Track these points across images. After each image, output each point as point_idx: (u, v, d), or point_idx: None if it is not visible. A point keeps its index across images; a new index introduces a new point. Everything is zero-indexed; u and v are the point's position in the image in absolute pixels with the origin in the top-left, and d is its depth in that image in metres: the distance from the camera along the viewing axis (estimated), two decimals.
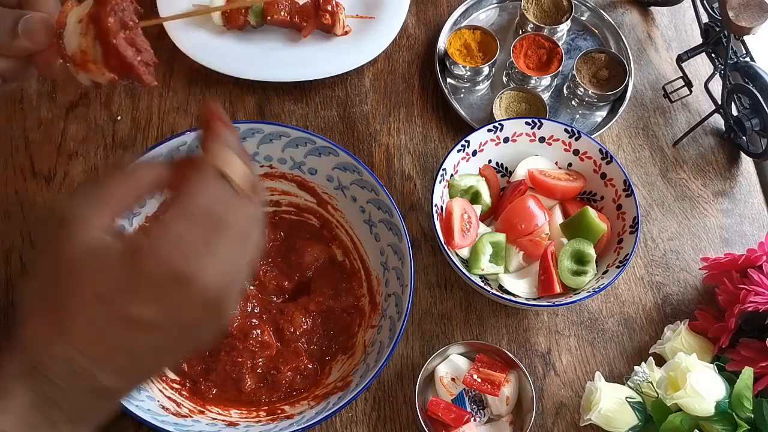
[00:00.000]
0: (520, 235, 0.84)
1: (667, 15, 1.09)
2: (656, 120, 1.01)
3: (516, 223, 0.84)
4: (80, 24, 0.57)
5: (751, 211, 0.96)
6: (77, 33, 0.57)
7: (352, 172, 0.83)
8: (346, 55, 0.98)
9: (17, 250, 0.87)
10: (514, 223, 0.84)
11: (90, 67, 0.57)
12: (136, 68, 0.57)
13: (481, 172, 0.90)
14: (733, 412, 0.75)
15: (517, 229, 0.84)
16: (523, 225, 0.84)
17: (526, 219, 0.84)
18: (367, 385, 0.71)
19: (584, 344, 0.87)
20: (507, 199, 0.88)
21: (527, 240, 0.84)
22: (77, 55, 0.57)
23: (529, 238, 0.84)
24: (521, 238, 0.84)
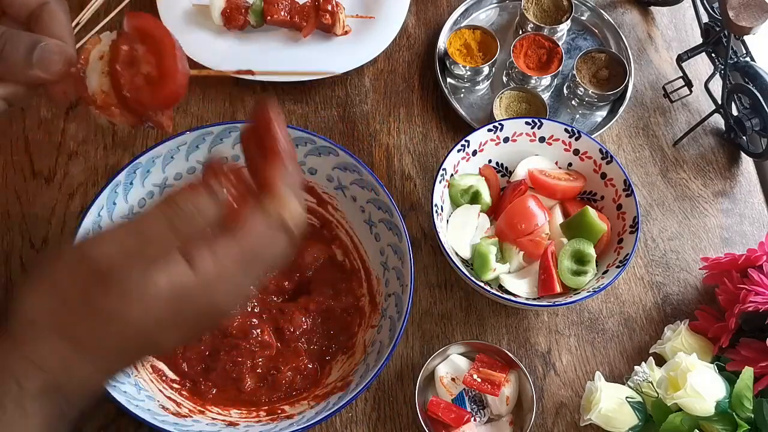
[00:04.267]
0: (520, 235, 0.84)
1: (667, 15, 1.09)
2: (656, 120, 1.01)
3: (516, 223, 0.84)
4: (102, 61, 0.54)
5: (751, 211, 0.96)
6: (98, 71, 0.54)
7: (352, 172, 0.83)
8: (346, 55, 0.98)
9: (17, 250, 0.87)
10: (514, 223, 0.84)
11: (113, 112, 0.55)
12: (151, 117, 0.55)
13: (481, 172, 0.90)
14: (733, 412, 0.74)
15: (517, 229, 0.84)
16: (523, 225, 0.84)
17: (526, 219, 0.84)
18: (367, 385, 0.71)
19: (584, 344, 0.87)
20: (507, 199, 0.88)
21: (527, 240, 0.84)
22: (99, 96, 0.55)
23: (529, 238, 0.84)
24: (521, 238, 0.84)
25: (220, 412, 0.77)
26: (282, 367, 0.79)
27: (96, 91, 0.55)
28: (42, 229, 0.88)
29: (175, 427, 0.71)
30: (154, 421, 0.69)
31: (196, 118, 0.97)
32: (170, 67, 0.53)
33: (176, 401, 0.76)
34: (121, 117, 0.55)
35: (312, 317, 0.82)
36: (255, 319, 0.80)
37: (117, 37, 0.54)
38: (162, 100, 0.53)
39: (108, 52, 0.54)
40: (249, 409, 0.78)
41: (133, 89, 0.53)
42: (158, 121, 0.56)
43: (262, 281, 0.81)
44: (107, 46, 0.54)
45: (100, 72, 0.54)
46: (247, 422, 0.76)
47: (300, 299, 0.83)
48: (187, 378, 0.78)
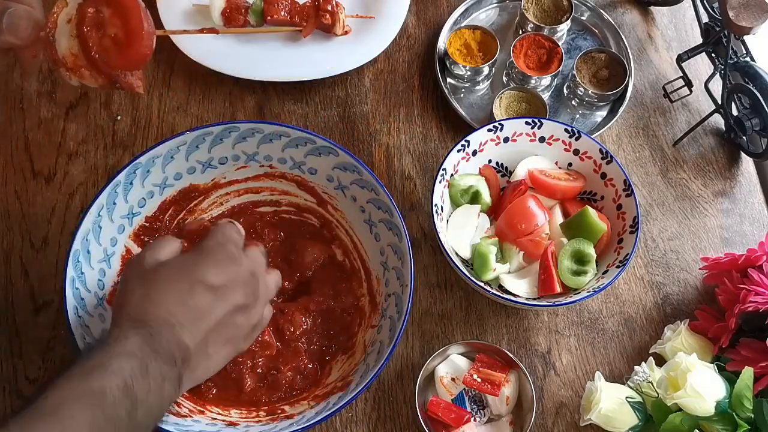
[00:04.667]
0: (520, 235, 0.84)
1: (667, 15, 1.09)
2: (656, 120, 1.01)
3: (516, 223, 0.84)
4: (69, 24, 0.55)
5: (751, 211, 0.96)
6: (66, 33, 0.55)
7: (352, 172, 0.83)
8: (346, 55, 0.98)
9: (17, 250, 0.87)
10: (514, 223, 0.84)
11: (83, 73, 0.56)
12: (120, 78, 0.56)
13: (481, 171, 0.90)
14: (733, 412, 0.75)
15: (517, 229, 0.84)
16: (523, 225, 0.84)
17: (526, 219, 0.84)
18: (367, 385, 0.71)
19: (584, 344, 0.87)
20: (507, 199, 0.88)
21: (527, 240, 0.84)
22: (68, 59, 0.56)
23: (529, 238, 0.84)
24: (521, 238, 0.84)
25: (220, 412, 0.77)
26: (282, 367, 0.79)
27: (66, 54, 0.55)
28: (42, 229, 0.88)
29: (175, 427, 0.70)
30: None
31: (196, 118, 0.97)
32: (136, 28, 0.54)
33: (176, 401, 0.76)
34: (91, 78, 0.57)
35: (312, 317, 0.82)
36: None
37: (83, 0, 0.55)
38: (130, 60, 0.55)
39: (75, 15, 0.54)
40: (249, 409, 0.78)
41: (101, 51, 0.54)
42: (129, 82, 0.57)
43: None
44: (74, 9, 0.55)
45: (69, 35, 0.55)
46: (247, 422, 0.76)
47: (300, 299, 0.83)
48: None
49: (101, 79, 0.57)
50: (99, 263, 0.78)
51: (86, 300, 0.76)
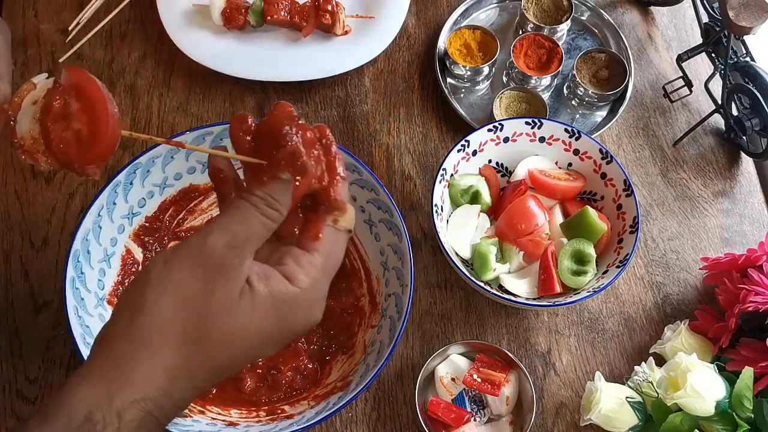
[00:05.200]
0: (520, 235, 0.84)
1: (667, 15, 1.09)
2: (656, 120, 1.01)
3: (516, 223, 0.84)
4: (35, 106, 0.54)
5: (751, 211, 0.96)
6: (29, 115, 0.54)
7: (352, 172, 0.83)
8: (346, 55, 0.98)
9: (17, 250, 0.87)
10: (514, 223, 0.84)
11: (38, 158, 0.55)
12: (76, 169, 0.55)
13: (481, 171, 0.90)
14: (733, 412, 0.74)
15: (517, 229, 0.84)
16: (523, 225, 0.84)
17: (526, 219, 0.84)
18: (367, 385, 0.71)
19: (584, 344, 0.87)
20: (507, 199, 0.88)
21: (527, 240, 0.84)
22: (27, 141, 0.54)
23: (529, 238, 0.84)
24: (521, 238, 0.84)
25: (220, 412, 0.77)
26: (282, 367, 0.79)
27: (25, 136, 0.54)
28: (42, 229, 0.88)
29: (175, 427, 0.71)
30: None
31: (196, 118, 0.97)
32: (100, 130, 0.53)
33: None
34: (46, 164, 0.55)
35: None
36: None
37: (53, 86, 0.54)
38: (88, 158, 0.53)
39: (41, 99, 0.54)
40: (249, 409, 0.78)
41: (62, 143, 0.53)
42: (84, 171, 0.55)
43: None
44: (42, 92, 0.54)
45: (32, 117, 0.54)
46: (247, 422, 0.76)
47: None
48: None
49: (56, 165, 0.55)
50: (99, 263, 0.79)
51: (86, 300, 0.76)
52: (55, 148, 0.53)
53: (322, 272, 0.52)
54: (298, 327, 0.51)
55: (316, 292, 0.52)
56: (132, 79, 0.99)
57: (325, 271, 0.52)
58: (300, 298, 0.50)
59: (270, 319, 0.49)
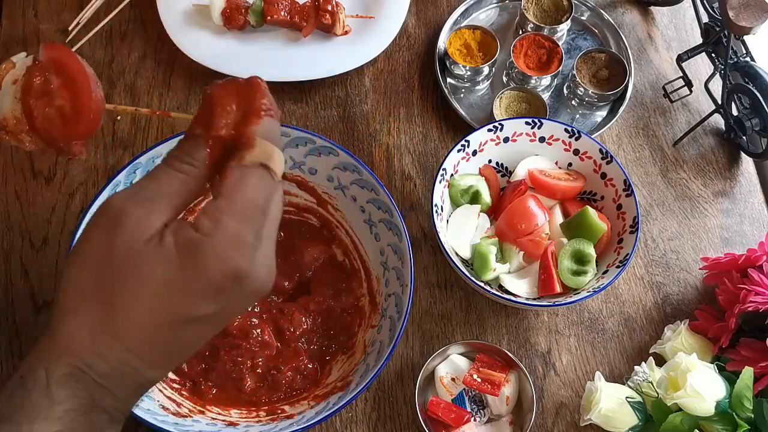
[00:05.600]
0: (520, 235, 0.84)
1: (667, 15, 1.09)
2: (656, 120, 1.01)
3: (516, 223, 0.84)
4: (15, 85, 0.53)
5: (751, 211, 0.96)
6: (11, 95, 0.53)
7: (352, 172, 0.83)
8: (346, 55, 0.98)
9: (17, 250, 0.87)
10: (514, 223, 0.84)
11: (22, 138, 0.53)
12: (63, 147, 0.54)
13: (481, 171, 0.90)
14: (733, 412, 0.74)
15: (517, 229, 0.84)
16: (523, 225, 0.84)
17: (526, 219, 0.84)
18: (367, 385, 0.71)
19: (584, 344, 0.87)
20: (507, 199, 0.88)
21: (527, 240, 0.84)
22: (9, 122, 0.53)
23: (529, 238, 0.84)
24: (521, 238, 0.84)
25: (220, 412, 0.77)
26: (282, 367, 0.79)
27: (7, 116, 0.53)
28: (42, 229, 0.88)
29: (175, 427, 0.71)
30: (154, 421, 0.69)
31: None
32: (84, 103, 0.52)
33: (176, 401, 0.76)
34: (30, 144, 0.54)
35: (312, 317, 0.82)
36: (255, 319, 0.80)
37: (32, 64, 0.52)
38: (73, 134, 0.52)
39: (22, 78, 0.52)
40: (249, 409, 0.78)
41: (45, 121, 0.52)
42: (71, 150, 0.54)
43: None
44: (22, 71, 0.53)
45: (13, 96, 0.53)
46: (247, 422, 0.76)
47: (300, 299, 0.83)
48: (187, 378, 0.79)
49: (40, 144, 0.54)
50: None
51: None
52: (38, 126, 0.52)
53: (229, 214, 0.47)
54: (214, 275, 0.46)
55: (223, 236, 0.46)
56: (132, 79, 0.99)
57: (234, 212, 0.47)
58: (203, 243, 0.46)
59: (173, 267, 0.45)
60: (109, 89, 0.98)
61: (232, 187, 0.48)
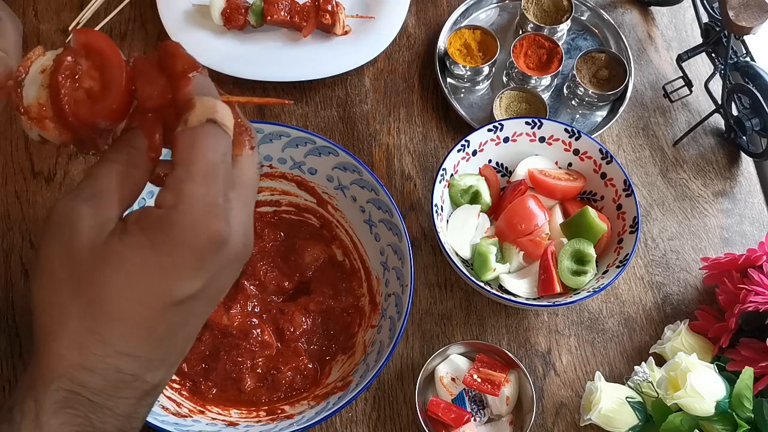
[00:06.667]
0: (520, 235, 0.84)
1: (667, 15, 1.09)
2: (656, 120, 1.01)
3: (516, 223, 0.84)
4: (43, 74, 0.51)
5: (752, 211, 0.96)
6: (37, 83, 0.51)
7: (352, 172, 0.83)
8: (346, 55, 0.98)
9: (17, 250, 0.87)
10: (514, 223, 0.84)
11: (46, 125, 0.52)
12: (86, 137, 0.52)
13: (481, 171, 0.90)
14: (733, 412, 0.74)
15: (517, 229, 0.84)
16: (523, 225, 0.84)
17: (526, 219, 0.84)
18: (367, 385, 0.71)
19: (584, 344, 0.87)
20: (507, 199, 0.88)
21: (527, 240, 0.84)
22: (34, 108, 0.51)
23: (529, 238, 0.84)
24: (521, 238, 0.84)
25: (220, 412, 0.77)
26: (282, 367, 0.79)
27: (32, 103, 0.52)
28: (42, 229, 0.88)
29: (175, 427, 0.71)
30: (154, 421, 0.69)
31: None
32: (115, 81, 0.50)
33: (176, 401, 0.76)
34: (54, 131, 0.52)
35: (312, 317, 0.82)
36: (255, 319, 0.80)
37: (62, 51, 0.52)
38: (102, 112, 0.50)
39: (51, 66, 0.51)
40: (249, 409, 0.78)
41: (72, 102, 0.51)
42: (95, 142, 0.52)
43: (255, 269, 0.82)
44: (51, 61, 0.52)
45: (39, 84, 0.52)
46: (247, 422, 0.76)
47: (300, 299, 0.83)
48: (187, 378, 0.79)
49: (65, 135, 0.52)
50: None
51: None
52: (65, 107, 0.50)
53: (192, 181, 0.43)
54: (191, 244, 0.43)
55: (194, 203, 0.43)
56: None
57: (195, 177, 0.43)
58: (170, 216, 0.43)
59: (145, 249, 0.42)
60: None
61: (185, 153, 0.44)
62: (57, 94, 0.50)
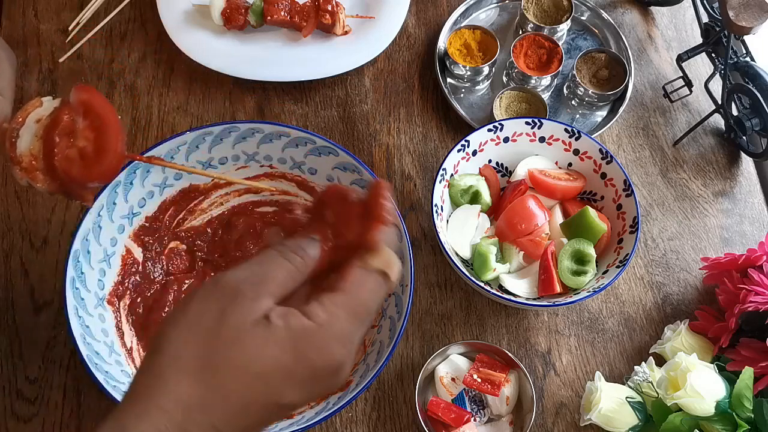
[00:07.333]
0: (520, 235, 0.84)
1: (667, 15, 1.09)
2: (656, 120, 1.01)
3: (516, 223, 0.84)
4: (38, 124, 0.52)
5: (751, 211, 0.96)
6: (32, 132, 0.52)
7: (352, 172, 0.83)
8: (346, 55, 0.98)
9: (17, 250, 0.87)
10: (514, 223, 0.84)
11: (36, 176, 0.52)
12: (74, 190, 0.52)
13: (481, 171, 0.90)
14: (733, 412, 0.74)
15: (517, 229, 0.84)
16: (523, 225, 0.84)
17: (526, 219, 0.84)
18: (367, 385, 0.71)
19: (584, 344, 0.87)
20: (507, 199, 0.88)
21: (527, 240, 0.84)
22: (26, 158, 0.52)
23: (529, 238, 0.84)
24: (521, 238, 0.84)
25: None
26: None
27: (24, 153, 0.52)
28: (42, 229, 0.88)
29: None
30: None
31: (196, 118, 0.97)
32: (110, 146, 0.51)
33: None
34: (43, 182, 0.53)
35: None
36: None
37: (60, 105, 0.51)
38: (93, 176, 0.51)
39: (46, 117, 0.51)
40: None
41: (64, 160, 0.51)
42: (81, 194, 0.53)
43: None
44: (47, 111, 0.52)
45: (34, 135, 0.52)
46: None
47: None
48: None
49: (53, 186, 0.53)
50: (99, 263, 0.79)
51: (86, 300, 0.76)
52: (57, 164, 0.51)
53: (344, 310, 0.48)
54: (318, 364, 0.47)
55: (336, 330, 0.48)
56: (132, 79, 0.99)
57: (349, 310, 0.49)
58: (315, 331, 0.47)
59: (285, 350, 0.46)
60: (109, 89, 0.98)
61: (353, 286, 0.49)
62: (50, 151, 0.51)
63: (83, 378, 0.81)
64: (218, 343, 0.46)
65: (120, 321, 0.80)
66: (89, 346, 0.72)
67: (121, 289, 0.81)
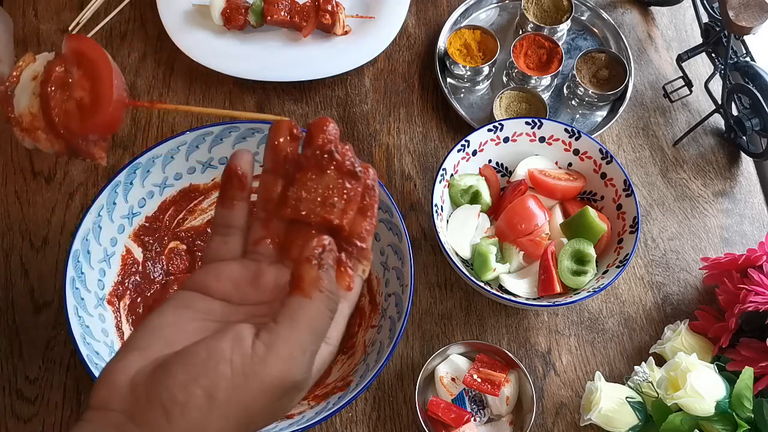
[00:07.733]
0: (520, 235, 0.84)
1: (667, 15, 1.09)
2: (656, 120, 1.01)
3: (516, 223, 0.84)
4: (34, 81, 0.50)
5: (751, 211, 0.96)
6: (29, 91, 0.50)
7: None
8: (346, 55, 0.98)
9: (17, 250, 0.87)
10: (514, 223, 0.84)
11: (38, 136, 0.50)
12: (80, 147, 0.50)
13: (481, 171, 0.90)
14: (733, 412, 0.74)
15: (517, 229, 0.84)
16: (523, 225, 0.84)
17: (526, 219, 0.84)
18: (367, 385, 0.71)
19: (584, 344, 0.87)
20: (507, 199, 0.88)
21: (527, 240, 0.84)
22: (26, 118, 0.50)
23: (529, 238, 0.84)
24: (521, 238, 0.84)
25: None
26: None
27: (23, 112, 0.50)
28: (42, 229, 0.88)
29: None
30: None
31: (197, 118, 0.97)
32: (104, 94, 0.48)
33: None
34: (47, 142, 0.51)
35: None
36: None
37: (53, 58, 0.50)
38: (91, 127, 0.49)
39: (42, 73, 0.50)
40: None
41: (63, 114, 0.49)
42: (90, 152, 0.51)
43: None
44: (42, 67, 0.50)
45: (31, 93, 0.50)
46: None
47: None
48: None
49: (58, 145, 0.51)
50: (99, 263, 0.79)
51: (86, 300, 0.76)
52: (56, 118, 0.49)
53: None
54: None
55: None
56: (132, 79, 0.99)
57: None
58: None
59: None
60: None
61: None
62: (47, 106, 0.49)
63: (83, 378, 0.81)
64: None
65: (120, 321, 0.80)
66: (89, 346, 0.72)
67: (121, 289, 0.81)
